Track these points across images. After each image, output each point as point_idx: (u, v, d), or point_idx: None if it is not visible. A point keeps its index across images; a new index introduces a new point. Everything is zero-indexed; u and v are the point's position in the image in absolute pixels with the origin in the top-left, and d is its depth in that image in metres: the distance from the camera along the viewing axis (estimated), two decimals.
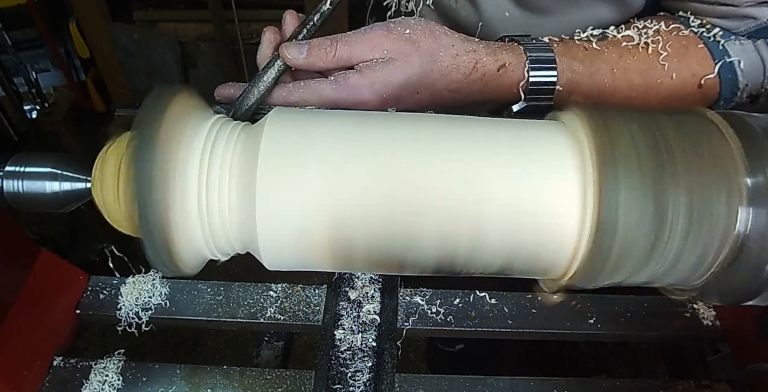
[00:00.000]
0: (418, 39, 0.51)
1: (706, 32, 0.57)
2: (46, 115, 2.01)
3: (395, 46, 0.50)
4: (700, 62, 0.56)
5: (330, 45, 0.50)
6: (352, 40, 0.50)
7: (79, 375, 0.57)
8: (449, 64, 0.52)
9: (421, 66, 0.51)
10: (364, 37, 0.50)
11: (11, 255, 0.58)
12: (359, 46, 0.50)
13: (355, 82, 0.50)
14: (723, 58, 0.56)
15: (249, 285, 0.63)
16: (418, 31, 0.51)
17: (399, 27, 0.51)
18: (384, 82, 0.50)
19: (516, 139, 0.42)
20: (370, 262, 0.42)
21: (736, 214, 0.37)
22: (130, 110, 0.55)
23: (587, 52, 0.55)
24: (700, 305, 0.64)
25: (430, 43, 0.51)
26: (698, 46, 0.57)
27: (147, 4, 2.06)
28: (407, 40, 0.51)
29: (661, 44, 0.56)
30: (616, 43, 0.56)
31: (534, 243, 0.40)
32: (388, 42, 0.50)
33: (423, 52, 0.51)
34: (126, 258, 0.62)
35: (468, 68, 0.52)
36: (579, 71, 0.55)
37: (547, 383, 0.57)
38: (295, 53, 0.49)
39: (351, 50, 0.50)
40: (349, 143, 0.40)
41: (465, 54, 0.52)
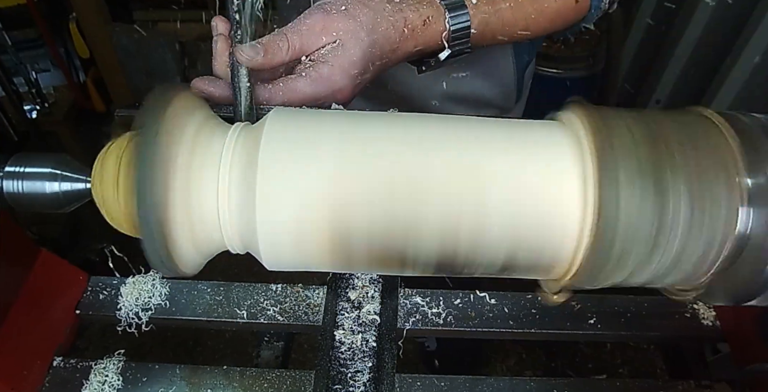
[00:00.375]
0: (355, 13, 0.54)
1: None
2: (46, 115, 2.01)
3: (340, 26, 0.53)
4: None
5: (281, 40, 0.52)
6: (299, 31, 0.53)
7: (79, 375, 0.57)
8: (386, 27, 0.55)
9: (368, 37, 0.54)
10: (310, 26, 0.53)
11: (11, 255, 0.58)
12: (307, 35, 0.53)
13: (328, 72, 0.52)
14: None
15: (249, 285, 0.63)
16: (350, 5, 0.54)
17: (334, 6, 0.54)
18: (349, 63, 0.53)
19: (516, 137, 0.42)
20: (371, 260, 0.42)
21: (737, 214, 0.37)
22: (130, 110, 0.55)
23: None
24: (700, 305, 0.64)
25: (366, 13, 0.54)
26: None
27: (147, 4, 2.06)
28: (347, 17, 0.54)
29: None
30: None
31: (535, 239, 0.40)
32: (332, 23, 0.53)
33: (364, 23, 0.54)
34: (126, 258, 0.62)
35: (400, 27, 0.56)
36: (485, 11, 0.60)
37: (547, 383, 0.57)
38: (252, 54, 0.50)
39: (302, 40, 0.53)
40: (349, 143, 0.41)
41: (395, 14, 0.56)
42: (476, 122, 0.44)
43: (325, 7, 0.54)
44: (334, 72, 0.53)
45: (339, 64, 0.53)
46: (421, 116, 0.45)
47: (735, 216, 0.37)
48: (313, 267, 0.44)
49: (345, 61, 0.53)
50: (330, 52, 0.53)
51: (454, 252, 0.41)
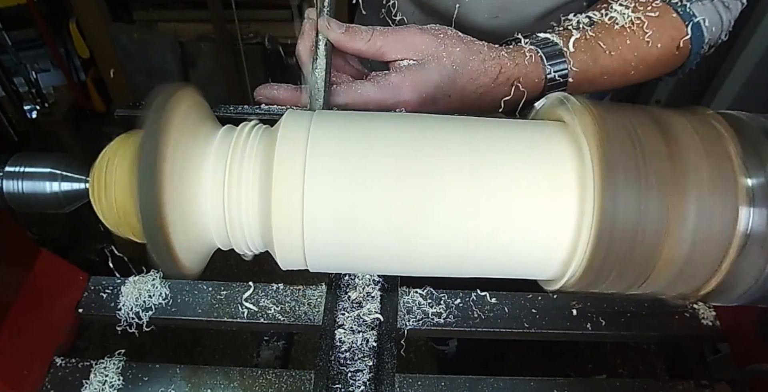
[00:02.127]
0: (448, 43, 0.53)
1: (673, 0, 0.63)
2: (46, 115, 2.01)
3: (427, 48, 0.53)
4: (675, 27, 0.63)
5: (366, 31, 0.52)
6: (386, 33, 0.52)
7: (79, 375, 0.57)
8: (478, 68, 0.54)
9: (453, 69, 0.53)
10: (398, 33, 0.53)
11: (11, 255, 0.58)
12: (392, 40, 0.52)
13: (397, 82, 0.52)
14: (691, 19, 0.63)
15: (249, 285, 0.63)
16: (449, 35, 0.54)
17: (431, 29, 0.54)
18: (423, 82, 0.52)
19: (521, 142, 0.42)
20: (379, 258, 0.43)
21: (738, 215, 0.37)
22: (130, 110, 0.55)
23: (587, 40, 0.59)
24: (700, 305, 0.64)
25: (459, 47, 0.54)
26: (669, 12, 0.63)
27: (147, 4, 2.06)
28: (438, 43, 0.53)
29: (642, 20, 0.61)
30: (605, 26, 0.61)
31: (529, 248, 0.41)
32: (421, 42, 0.53)
33: (454, 55, 0.53)
34: (126, 258, 0.62)
35: (494, 73, 0.55)
36: (584, 60, 0.59)
37: (547, 383, 0.57)
38: (336, 27, 0.51)
39: (385, 41, 0.52)
40: (366, 144, 0.41)
41: (491, 59, 0.55)
42: (478, 130, 0.44)
43: (423, 27, 0.54)
44: (404, 83, 0.52)
45: (410, 77, 0.52)
46: (432, 118, 0.45)
47: (737, 217, 0.37)
48: (322, 268, 0.45)
49: (419, 78, 0.52)
50: (407, 66, 0.53)
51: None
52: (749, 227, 0.37)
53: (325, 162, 0.40)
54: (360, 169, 0.40)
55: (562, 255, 0.41)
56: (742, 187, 0.37)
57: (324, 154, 0.40)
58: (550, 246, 0.40)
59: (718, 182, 0.37)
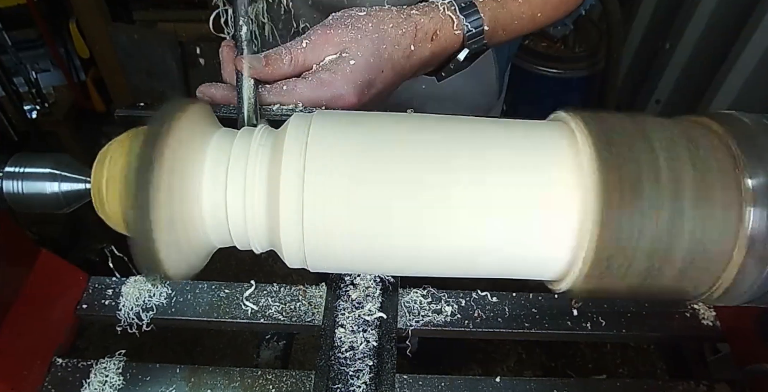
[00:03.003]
0: (358, 24, 0.54)
1: None
2: (46, 115, 2.01)
3: (342, 37, 0.54)
4: None
5: (284, 51, 0.53)
6: (300, 44, 0.54)
7: (79, 375, 0.57)
8: (395, 33, 0.55)
9: (373, 44, 0.54)
10: (312, 40, 0.54)
11: (11, 255, 0.58)
12: (311, 48, 0.54)
13: (327, 78, 0.53)
14: None
15: (248, 285, 0.63)
16: (354, 16, 0.55)
17: (334, 22, 0.55)
18: (351, 71, 0.53)
19: (522, 141, 0.42)
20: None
21: (742, 216, 0.37)
22: (130, 110, 0.55)
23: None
24: (700, 305, 0.64)
25: (370, 22, 0.55)
26: None
27: (147, 4, 2.06)
28: (350, 28, 0.54)
29: None
30: None
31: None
32: (335, 36, 0.54)
33: (368, 32, 0.54)
34: (126, 258, 0.62)
35: (411, 32, 0.56)
36: (493, 7, 0.60)
37: (547, 383, 0.57)
38: (255, 63, 0.52)
39: (305, 53, 0.54)
40: (365, 144, 0.41)
41: (404, 21, 0.56)
42: (479, 129, 0.44)
43: (327, 23, 0.55)
44: (336, 78, 0.53)
45: (341, 70, 0.53)
46: (430, 118, 0.45)
47: (741, 218, 0.37)
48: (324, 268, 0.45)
49: (347, 67, 0.53)
50: (333, 61, 0.54)
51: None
52: (754, 228, 0.37)
53: (324, 162, 0.40)
54: (359, 169, 0.40)
55: (564, 257, 0.41)
56: (746, 188, 0.37)
57: (323, 154, 0.40)
58: (553, 246, 0.40)
59: (721, 184, 0.37)
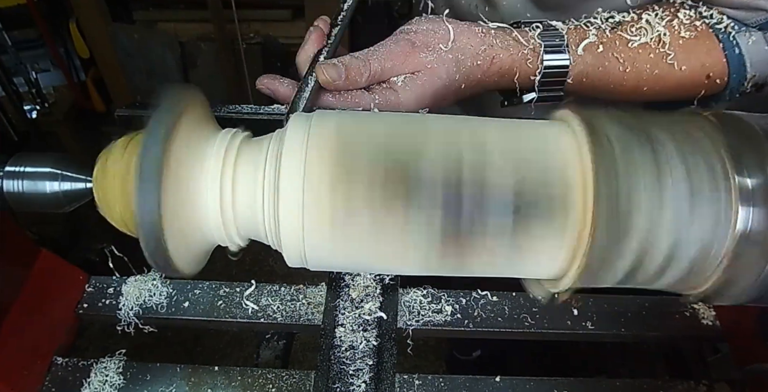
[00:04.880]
0: (439, 48, 0.53)
1: (718, 23, 0.57)
2: (46, 115, 2.01)
3: (422, 61, 0.52)
4: (709, 53, 0.57)
5: (363, 65, 0.51)
6: (381, 58, 0.52)
7: (80, 375, 0.57)
8: (470, 64, 0.54)
9: (448, 75, 0.53)
10: (392, 54, 0.52)
11: (11, 255, 0.58)
12: (389, 64, 0.52)
13: (395, 101, 0.52)
14: (733, 49, 0.57)
15: (248, 285, 0.63)
16: (436, 38, 0.53)
17: (418, 38, 0.53)
18: (418, 98, 0.52)
19: (522, 142, 0.42)
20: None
21: (736, 213, 0.37)
22: (130, 110, 0.55)
23: (600, 43, 0.56)
24: (700, 305, 0.64)
25: (450, 49, 0.53)
26: (709, 37, 0.57)
27: (147, 4, 2.06)
28: (431, 52, 0.52)
29: (673, 36, 0.56)
30: (625, 34, 0.57)
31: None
32: (416, 57, 0.52)
33: (447, 60, 0.53)
34: (126, 258, 0.62)
35: (486, 64, 0.54)
36: (590, 63, 0.56)
37: (547, 383, 0.57)
38: (335, 75, 0.50)
39: (383, 68, 0.52)
40: (364, 144, 0.41)
41: (482, 51, 0.54)
42: (481, 130, 0.44)
43: (410, 38, 0.53)
44: (400, 101, 0.52)
45: (408, 95, 0.52)
46: (425, 120, 0.45)
47: (733, 215, 0.37)
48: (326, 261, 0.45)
49: (416, 95, 0.52)
50: (404, 83, 0.52)
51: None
52: (748, 226, 0.37)
53: (324, 162, 0.40)
54: (358, 169, 0.40)
55: (562, 256, 0.41)
56: (741, 186, 0.37)
57: (323, 153, 0.40)
58: (551, 246, 0.40)
59: (714, 181, 0.37)
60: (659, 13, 0.57)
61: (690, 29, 0.57)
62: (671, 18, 0.57)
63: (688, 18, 0.57)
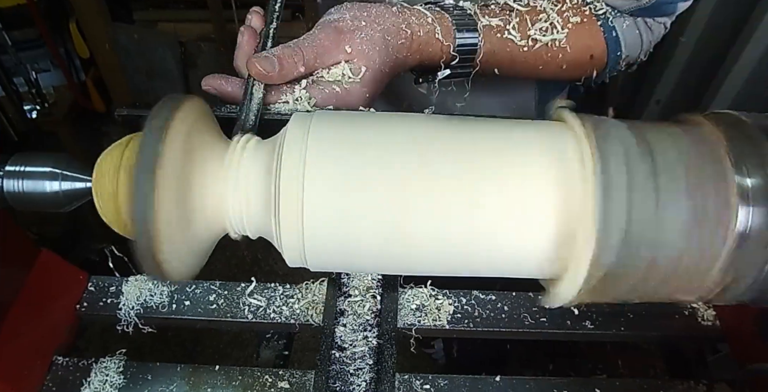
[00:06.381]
0: (367, 32, 0.54)
1: (599, 9, 0.65)
2: (46, 115, 2.01)
3: (353, 46, 0.54)
4: (593, 36, 0.65)
5: (296, 54, 0.52)
6: (312, 46, 0.53)
7: (80, 375, 0.57)
8: (396, 43, 0.56)
9: (380, 57, 0.55)
10: (322, 42, 0.53)
11: (11, 255, 0.58)
12: (321, 51, 0.53)
13: (342, 92, 0.53)
14: (611, 32, 0.65)
15: (249, 285, 0.63)
16: (362, 22, 0.55)
17: (344, 24, 0.54)
18: (362, 85, 0.54)
19: (521, 143, 0.42)
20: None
21: (736, 214, 0.37)
22: (130, 110, 0.55)
23: (503, 22, 0.60)
24: (699, 305, 0.64)
25: (376, 30, 0.55)
26: (592, 21, 0.65)
27: (147, 4, 2.07)
28: (359, 36, 0.54)
29: (563, 20, 0.62)
30: (524, 18, 0.62)
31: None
32: (345, 42, 0.54)
33: (376, 42, 0.54)
34: (126, 258, 0.62)
35: (408, 42, 0.57)
36: (496, 41, 0.60)
37: (547, 383, 0.57)
38: (269, 67, 0.51)
39: (316, 57, 0.53)
40: (363, 145, 0.41)
41: (403, 29, 0.56)
42: (480, 130, 0.44)
43: (337, 24, 0.54)
44: (347, 92, 0.54)
45: (352, 83, 0.54)
46: (429, 119, 0.45)
47: (733, 215, 0.37)
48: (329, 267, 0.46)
49: (357, 81, 0.54)
50: (343, 73, 0.54)
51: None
52: (748, 226, 0.37)
53: (324, 162, 0.40)
54: (359, 169, 0.40)
55: (562, 255, 0.41)
56: (741, 187, 0.37)
57: (323, 154, 0.40)
58: (550, 246, 0.40)
59: (711, 183, 0.37)
60: (552, 0, 0.63)
61: (577, 14, 0.64)
62: (561, 4, 0.63)
63: (575, 4, 0.64)
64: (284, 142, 0.41)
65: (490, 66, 0.62)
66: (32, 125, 1.98)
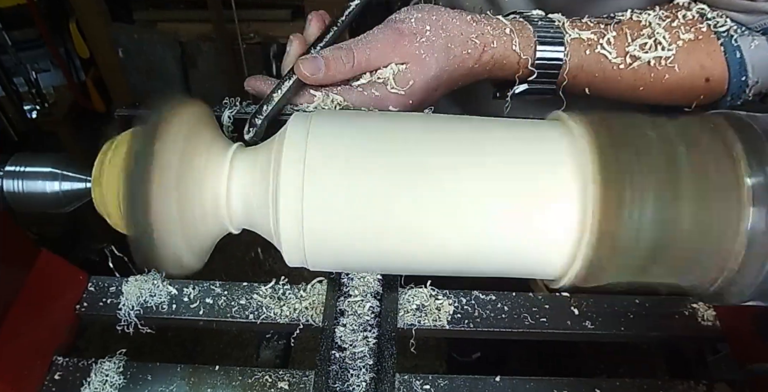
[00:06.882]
0: (429, 37, 0.50)
1: (720, 26, 0.56)
2: (46, 115, 2.01)
3: (410, 50, 0.50)
4: (710, 55, 0.56)
5: (346, 55, 0.49)
6: (366, 47, 0.50)
7: (80, 375, 0.57)
8: (461, 53, 0.52)
9: (438, 65, 0.51)
10: (378, 43, 0.50)
11: (11, 255, 0.58)
12: (375, 53, 0.50)
13: (382, 96, 0.50)
14: (734, 53, 0.55)
15: (249, 285, 0.63)
16: (426, 26, 0.51)
17: (407, 26, 0.51)
18: (407, 94, 0.50)
19: (522, 142, 0.42)
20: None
21: (742, 214, 0.37)
22: (130, 110, 0.55)
23: (596, 35, 0.54)
24: (699, 305, 0.64)
25: (440, 37, 0.51)
26: (710, 39, 0.56)
27: (147, 4, 2.06)
28: (420, 41, 0.50)
29: (672, 36, 0.55)
30: (624, 31, 0.55)
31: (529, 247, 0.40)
32: (403, 46, 0.50)
33: (436, 49, 0.50)
34: (126, 258, 0.62)
35: (478, 53, 0.52)
36: (586, 56, 0.54)
37: (547, 383, 0.57)
38: (314, 69, 0.48)
39: (369, 59, 0.50)
40: (363, 145, 0.41)
41: (474, 40, 0.52)
42: (480, 129, 0.44)
43: (398, 26, 0.51)
44: (389, 97, 0.50)
45: (397, 90, 0.50)
46: (430, 118, 0.45)
47: (741, 216, 0.37)
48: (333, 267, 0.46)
49: (404, 88, 0.50)
50: (392, 75, 0.50)
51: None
52: (758, 226, 0.37)
53: (324, 162, 0.40)
54: (359, 169, 0.40)
55: (563, 256, 0.41)
56: (746, 187, 0.37)
57: (323, 154, 0.40)
58: (551, 247, 0.40)
59: (722, 182, 0.37)
60: (660, 14, 0.56)
61: (690, 31, 0.55)
62: (672, 19, 0.56)
63: (689, 19, 0.56)
64: (284, 141, 0.41)
65: (578, 83, 0.56)
66: (32, 125, 1.98)
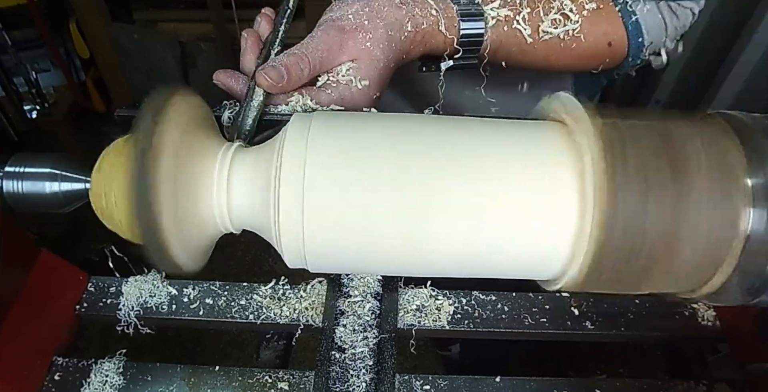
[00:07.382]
0: (369, 29, 0.53)
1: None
2: (46, 115, 2.01)
3: (357, 47, 0.53)
4: (611, 22, 0.62)
5: (302, 61, 0.52)
6: (317, 51, 0.52)
7: (80, 375, 0.57)
8: (399, 38, 0.55)
9: (384, 55, 0.54)
10: (328, 46, 0.53)
11: (11, 255, 0.58)
12: (326, 55, 0.53)
13: (348, 95, 0.53)
14: (630, 17, 0.62)
15: (249, 285, 0.63)
16: (364, 20, 0.54)
17: (347, 23, 0.54)
18: (368, 87, 0.54)
19: (522, 143, 0.42)
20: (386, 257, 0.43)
21: (743, 215, 0.37)
22: (130, 110, 0.55)
23: (512, 12, 0.58)
24: (699, 305, 0.64)
25: (379, 26, 0.54)
26: (610, 6, 0.62)
27: (147, 4, 2.06)
28: (363, 35, 0.53)
29: (578, 7, 0.60)
30: (535, 4, 0.60)
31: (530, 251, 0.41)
32: (348, 46, 0.53)
33: (380, 40, 0.54)
34: (126, 258, 0.62)
35: (412, 35, 0.56)
36: (503, 32, 0.58)
37: (547, 383, 0.57)
38: (277, 77, 0.51)
39: (321, 61, 0.53)
40: (364, 146, 0.41)
41: (407, 23, 0.55)
42: (479, 130, 0.44)
43: (339, 25, 0.54)
44: (354, 95, 0.53)
45: (357, 87, 0.53)
46: (428, 120, 0.45)
47: (741, 217, 0.37)
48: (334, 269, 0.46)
49: (363, 83, 0.54)
50: (348, 75, 0.53)
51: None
52: (749, 227, 0.37)
53: (325, 164, 0.40)
54: (360, 170, 0.40)
55: (562, 258, 0.41)
56: (746, 188, 0.37)
57: (324, 155, 0.40)
58: (551, 249, 0.40)
59: (720, 184, 0.37)
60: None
61: (593, 1, 0.61)
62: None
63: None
64: (284, 142, 0.41)
65: (498, 57, 0.60)
66: (32, 125, 1.98)
